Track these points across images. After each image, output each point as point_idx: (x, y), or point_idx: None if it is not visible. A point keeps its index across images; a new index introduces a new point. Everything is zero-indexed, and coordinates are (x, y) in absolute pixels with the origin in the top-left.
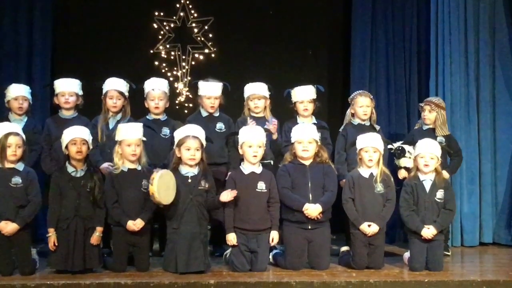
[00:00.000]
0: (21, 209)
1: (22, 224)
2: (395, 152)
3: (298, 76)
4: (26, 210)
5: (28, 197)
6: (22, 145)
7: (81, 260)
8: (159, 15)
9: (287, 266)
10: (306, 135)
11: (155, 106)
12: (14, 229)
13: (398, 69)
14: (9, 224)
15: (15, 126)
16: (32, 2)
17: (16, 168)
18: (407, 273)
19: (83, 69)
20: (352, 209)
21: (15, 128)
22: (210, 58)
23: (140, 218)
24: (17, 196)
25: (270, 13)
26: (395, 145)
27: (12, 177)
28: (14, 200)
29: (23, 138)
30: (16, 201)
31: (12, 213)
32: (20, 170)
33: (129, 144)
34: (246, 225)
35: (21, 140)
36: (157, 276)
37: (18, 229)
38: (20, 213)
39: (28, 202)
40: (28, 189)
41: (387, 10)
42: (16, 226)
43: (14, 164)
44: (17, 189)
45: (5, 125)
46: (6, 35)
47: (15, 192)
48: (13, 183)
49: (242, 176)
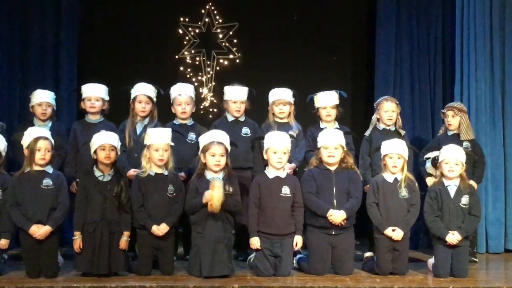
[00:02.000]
0: (52, 211)
1: (54, 227)
2: (435, 161)
3: (322, 82)
4: (57, 212)
5: (58, 199)
6: (51, 149)
7: (106, 263)
8: (185, 21)
9: (311, 271)
10: (333, 140)
11: (182, 111)
12: (47, 231)
13: (422, 75)
14: (41, 227)
15: (44, 131)
16: (59, 8)
17: (46, 170)
18: (431, 279)
19: (109, 75)
20: (376, 214)
21: (45, 133)
22: (234, 63)
23: (164, 223)
24: (48, 198)
25: (295, 19)
26: (432, 155)
27: (43, 179)
28: (45, 201)
29: (52, 143)
30: (48, 203)
31: (44, 215)
32: (50, 173)
33: (157, 149)
34: (270, 230)
35: (50, 144)
36: (181, 279)
37: (50, 232)
38: (51, 215)
39: (58, 205)
40: (58, 192)
41: (412, 15)
42: (49, 228)
43: (43, 168)
44: (48, 190)
45: (35, 129)
46: (34, 41)
47: (47, 193)
48: (44, 184)
49: (266, 180)
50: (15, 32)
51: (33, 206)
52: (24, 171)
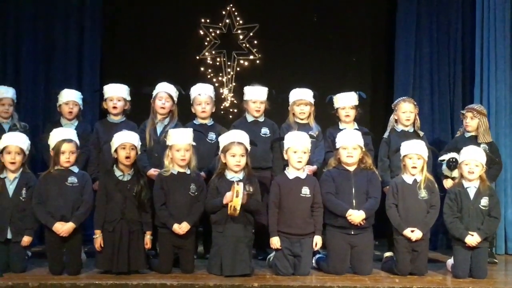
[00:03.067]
0: (76, 208)
1: (77, 223)
2: (450, 164)
3: (341, 83)
4: (81, 210)
5: (82, 197)
6: (75, 150)
7: (126, 261)
8: (205, 22)
9: (330, 271)
10: (351, 141)
11: (202, 110)
12: (70, 228)
13: (442, 76)
14: (65, 224)
15: (69, 132)
16: (82, 10)
17: (71, 169)
18: (450, 280)
19: (131, 75)
20: (395, 215)
21: (70, 135)
22: (254, 64)
23: (186, 222)
24: (73, 195)
25: (315, 20)
26: (447, 157)
27: (68, 176)
28: (70, 198)
29: (77, 144)
30: (72, 200)
31: (68, 211)
32: (75, 172)
33: (179, 149)
34: (290, 229)
35: (75, 146)
36: (201, 278)
37: (73, 228)
38: (74, 212)
39: (82, 203)
40: (82, 190)
41: (432, 17)
42: (72, 225)
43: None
44: (73, 188)
45: (61, 130)
46: (58, 43)
47: (71, 191)
48: (69, 182)
49: (286, 180)
50: (39, 34)
51: (58, 202)
52: (50, 171)
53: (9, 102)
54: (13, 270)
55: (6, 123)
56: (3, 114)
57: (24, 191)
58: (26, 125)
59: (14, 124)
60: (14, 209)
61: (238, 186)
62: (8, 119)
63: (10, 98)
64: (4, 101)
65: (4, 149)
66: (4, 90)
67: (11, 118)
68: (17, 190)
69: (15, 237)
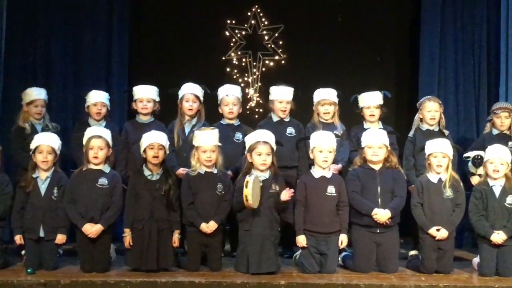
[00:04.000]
0: (105, 210)
1: (106, 225)
2: (475, 161)
3: (366, 82)
4: (110, 212)
5: (112, 198)
6: (104, 147)
7: (155, 259)
8: (231, 23)
9: (356, 269)
10: (377, 140)
11: (229, 111)
12: (98, 230)
13: (467, 75)
14: (94, 226)
15: (99, 130)
16: (110, 13)
17: (103, 170)
18: (476, 278)
19: (158, 76)
20: (420, 214)
21: (99, 132)
22: (280, 64)
23: (213, 220)
24: (102, 197)
25: (339, 20)
26: (472, 154)
27: (99, 178)
28: (99, 200)
29: (107, 141)
30: (102, 202)
31: (97, 213)
32: (106, 172)
33: (205, 150)
34: (316, 228)
35: (104, 143)
36: (229, 276)
37: (102, 230)
38: (104, 213)
39: (111, 204)
40: (112, 191)
41: (456, 15)
42: (101, 227)
43: (100, 166)
44: (103, 189)
45: (93, 128)
46: (87, 45)
47: (101, 192)
48: (100, 183)
49: (312, 180)
50: (68, 37)
51: (88, 203)
52: (82, 169)
53: (42, 104)
54: (45, 267)
55: (38, 124)
56: (36, 115)
57: (55, 190)
58: (57, 126)
59: (46, 125)
60: (46, 208)
61: (248, 177)
62: (41, 120)
63: (42, 100)
64: (37, 102)
65: (36, 149)
66: (36, 92)
67: (43, 119)
68: (49, 189)
69: (47, 235)
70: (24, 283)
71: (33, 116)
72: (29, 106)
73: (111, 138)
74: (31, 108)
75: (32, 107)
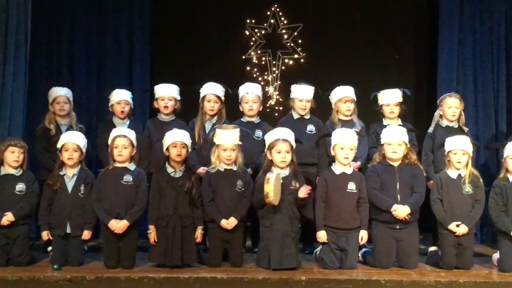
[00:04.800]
0: (130, 206)
1: (131, 221)
2: None
3: (384, 80)
4: (135, 208)
5: (137, 195)
6: (128, 146)
7: (179, 255)
8: (251, 23)
9: (376, 265)
10: (396, 137)
11: (249, 108)
12: (124, 226)
13: (486, 72)
14: (119, 222)
15: (124, 130)
16: (132, 14)
17: (128, 167)
18: (496, 273)
19: (179, 75)
20: (440, 210)
21: (123, 131)
22: (299, 63)
23: (233, 217)
24: (127, 193)
25: (357, 18)
26: None
27: (123, 175)
28: (124, 197)
29: (131, 140)
30: (127, 198)
31: (122, 209)
32: (131, 170)
33: (225, 149)
34: (337, 224)
35: (128, 141)
36: (250, 271)
37: (128, 226)
38: (129, 210)
39: (136, 200)
40: (137, 188)
41: (475, 13)
42: (126, 223)
43: (125, 164)
44: (128, 186)
45: (118, 129)
46: (109, 45)
47: (126, 189)
48: (125, 180)
49: (333, 176)
50: (91, 38)
51: (113, 200)
52: (109, 168)
53: (64, 100)
54: (71, 263)
55: (63, 125)
56: (59, 112)
57: (82, 187)
58: (82, 127)
59: (71, 125)
60: (73, 204)
61: (270, 174)
62: (66, 117)
63: (64, 96)
64: (59, 99)
65: (62, 147)
66: (58, 89)
67: (69, 119)
68: (75, 187)
69: (73, 231)
70: (50, 279)
71: (57, 113)
72: (53, 105)
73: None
74: (55, 105)
75: (55, 104)
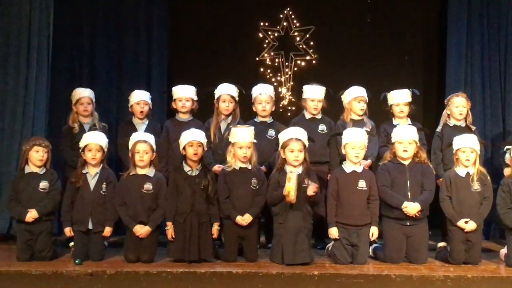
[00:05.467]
0: (152, 211)
1: (153, 227)
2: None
3: (394, 80)
4: (156, 214)
5: (158, 201)
6: (149, 151)
7: (196, 251)
8: (264, 25)
9: (386, 260)
10: (407, 136)
11: (262, 109)
12: (147, 232)
13: (493, 72)
14: (143, 227)
15: (144, 135)
16: (150, 18)
17: (148, 174)
18: (504, 269)
19: (195, 76)
20: (449, 207)
21: (144, 136)
22: (311, 64)
23: (248, 213)
24: (148, 201)
25: (368, 21)
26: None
27: (144, 183)
28: (146, 204)
29: (151, 145)
30: (148, 205)
31: (144, 216)
32: (151, 176)
33: (241, 147)
34: (348, 220)
35: (148, 147)
36: (264, 266)
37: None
38: (151, 216)
39: (157, 206)
40: (157, 195)
41: (483, 14)
42: (149, 229)
43: (145, 170)
44: (148, 195)
45: (137, 134)
46: (129, 49)
47: (147, 197)
48: (145, 189)
49: (344, 174)
50: (111, 41)
51: (136, 208)
52: (130, 173)
53: (87, 101)
54: (92, 258)
55: (87, 123)
56: (83, 112)
57: (104, 185)
58: (105, 126)
59: (94, 124)
60: (95, 201)
61: (290, 174)
62: (88, 117)
63: (87, 97)
64: (83, 100)
65: (85, 147)
66: (81, 90)
67: (91, 118)
68: (97, 185)
69: (95, 227)
70: (72, 273)
71: (81, 113)
72: (77, 105)
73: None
74: (78, 106)
75: (78, 105)
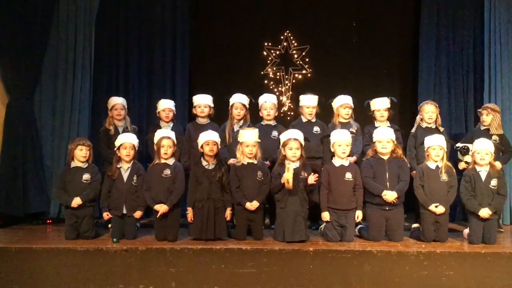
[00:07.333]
0: (170, 193)
1: (170, 206)
2: (461, 150)
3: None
4: (173, 195)
5: (175, 185)
6: (172, 145)
7: (212, 231)
8: (268, 45)
9: (369, 238)
10: (386, 136)
11: (267, 114)
12: (165, 210)
13: (457, 83)
14: (162, 206)
15: (168, 132)
16: (175, 39)
17: (168, 163)
18: (466, 245)
19: (212, 86)
20: (421, 194)
21: (168, 133)
22: (307, 77)
23: (256, 200)
24: (167, 184)
25: (354, 41)
26: (460, 145)
27: (164, 169)
28: (164, 187)
29: (174, 141)
30: (166, 188)
31: (163, 197)
32: (170, 164)
33: (248, 145)
34: (337, 206)
35: (172, 142)
36: (269, 244)
37: (168, 210)
38: (169, 197)
39: (174, 189)
40: (175, 179)
41: (449, 35)
42: (166, 207)
43: (167, 160)
44: (166, 179)
45: (162, 131)
46: (156, 64)
47: (165, 181)
48: (164, 174)
49: (333, 168)
50: (142, 59)
51: (157, 190)
52: (154, 163)
53: (121, 107)
54: (127, 237)
55: (120, 126)
56: (117, 116)
57: (135, 177)
58: (135, 128)
59: (126, 126)
60: (128, 191)
61: (288, 165)
62: (122, 121)
63: (120, 103)
64: (116, 106)
65: (121, 146)
66: (115, 98)
67: (124, 122)
68: (130, 177)
69: (128, 212)
70: (111, 250)
71: (115, 117)
72: (112, 111)
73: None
74: (113, 111)
75: (113, 110)
